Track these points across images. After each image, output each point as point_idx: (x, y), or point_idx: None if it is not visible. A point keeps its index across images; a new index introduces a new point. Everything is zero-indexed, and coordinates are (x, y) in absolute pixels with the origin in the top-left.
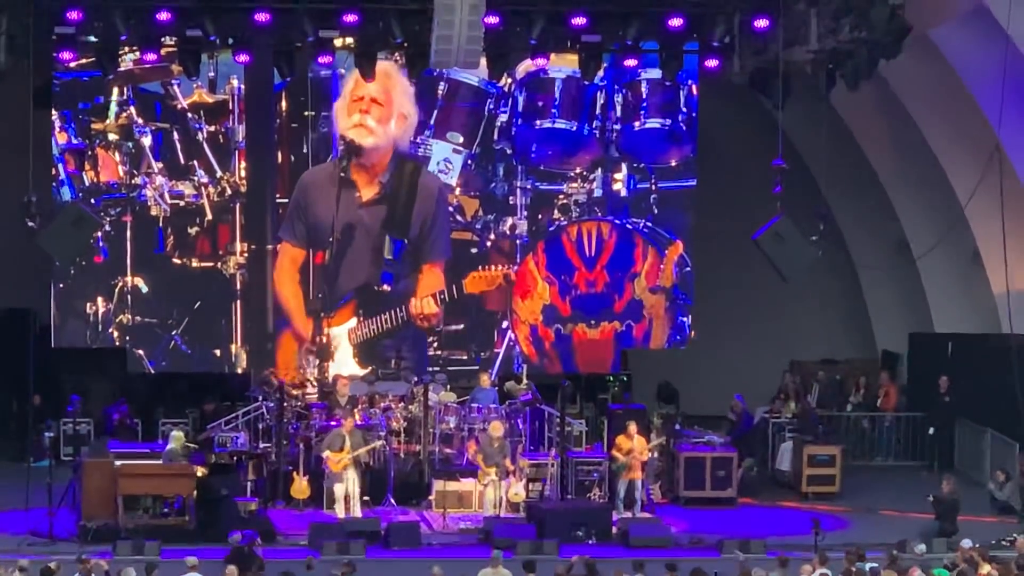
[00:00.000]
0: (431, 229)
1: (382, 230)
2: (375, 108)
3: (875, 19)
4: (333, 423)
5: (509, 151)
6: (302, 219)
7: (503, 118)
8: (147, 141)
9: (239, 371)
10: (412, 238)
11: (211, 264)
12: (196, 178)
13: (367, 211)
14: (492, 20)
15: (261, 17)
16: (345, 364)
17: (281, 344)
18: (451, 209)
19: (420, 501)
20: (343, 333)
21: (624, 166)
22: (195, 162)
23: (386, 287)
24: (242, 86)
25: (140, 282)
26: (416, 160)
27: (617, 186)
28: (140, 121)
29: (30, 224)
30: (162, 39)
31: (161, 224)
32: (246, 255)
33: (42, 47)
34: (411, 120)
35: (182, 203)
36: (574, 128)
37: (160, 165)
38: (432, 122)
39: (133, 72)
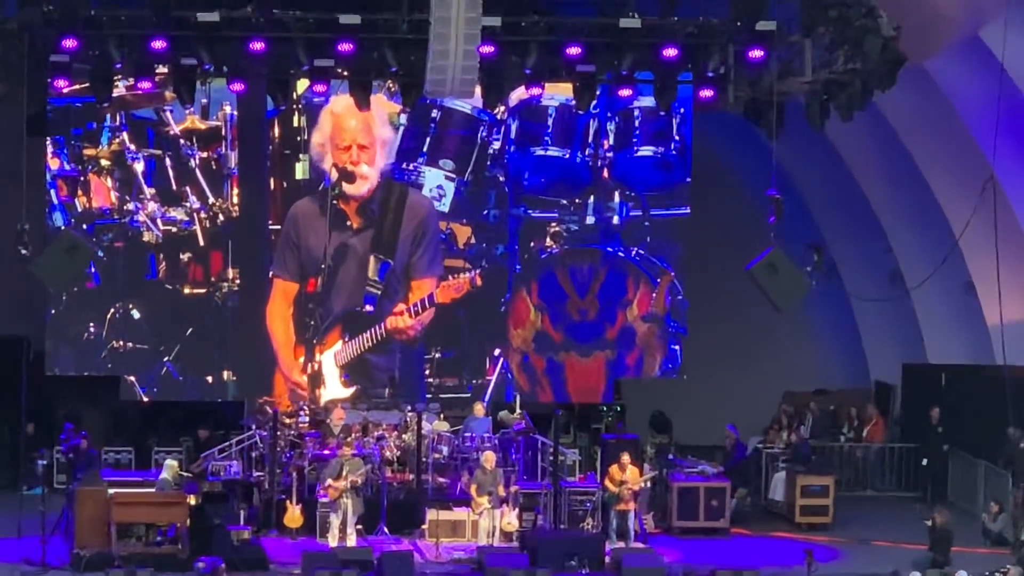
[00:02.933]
0: (419, 246)
1: (370, 253)
2: (363, 153)
3: (869, 50)
4: (327, 452)
5: (502, 178)
6: (294, 251)
7: (496, 145)
8: (139, 167)
9: (231, 399)
10: (400, 258)
11: (203, 291)
12: (188, 204)
13: (357, 237)
14: (487, 50)
15: (256, 46)
16: (332, 387)
17: (277, 374)
18: (443, 236)
19: (413, 530)
20: (330, 357)
21: (617, 194)
22: (187, 188)
23: (368, 308)
24: (235, 113)
25: (132, 308)
26: (402, 181)
27: (609, 214)
28: (133, 147)
29: (23, 252)
30: (156, 67)
31: (153, 250)
32: (238, 282)
33: (37, 75)
34: (391, 144)
35: (174, 229)
36: (567, 156)
37: (152, 191)
38: (425, 149)
39: (126, 98)
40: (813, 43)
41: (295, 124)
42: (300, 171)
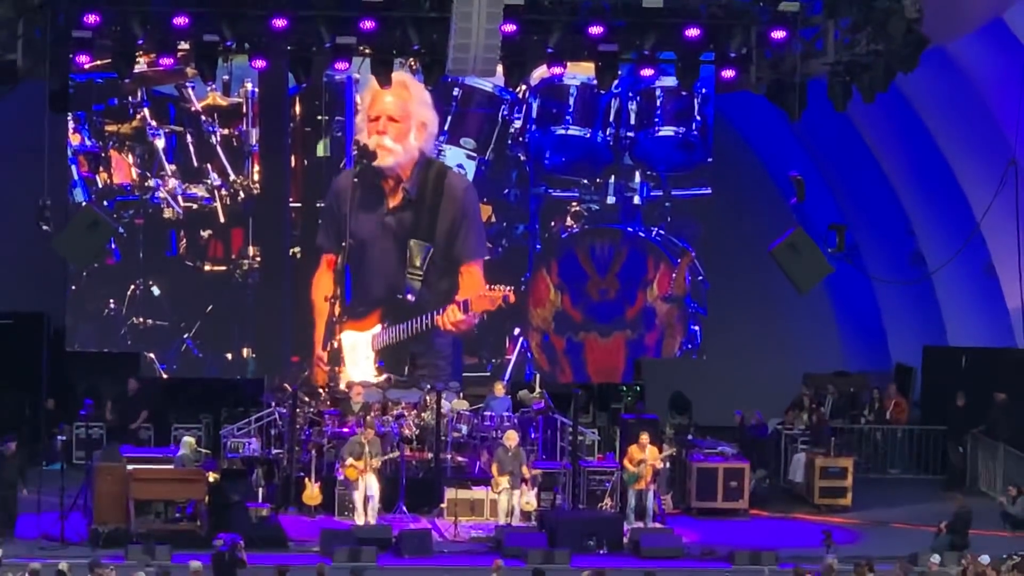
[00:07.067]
0: (460, 228)
1: (409, 236)
2: (392, 126)
3: (892, 32)
4: (345, 430)
5: (523, 157)
6: (336, 224)
7: (517, 124)
8: (161, 143)
9: (250, 376)
10: (441, 241)
11: (223, 268)
12: (209, 181)
13: (394, 218)
14: (509, 28)
15: (279, 23)
16: (366, 370)
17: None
18: None
19: (432, 509)
20: (367, 339)
21: (637, 174)
22: (208, 165)
23: (409, 297)
24: (256, 90)
25: (152, 285)
26: (441, 162)
27: (630, 194)
28: (154, 123)
29: (44, 228)
30: (178, 43)
31: (174, 227)
32: (259, 259)
33: (59, 50)
34: (431, 127)
35: (195, 206)
36: (588, 135)
37: (173, 168)
38: (446, 127)
39: (147, 74)
40: (836, 24)
41: (316, 102)
42: (321, 149)
